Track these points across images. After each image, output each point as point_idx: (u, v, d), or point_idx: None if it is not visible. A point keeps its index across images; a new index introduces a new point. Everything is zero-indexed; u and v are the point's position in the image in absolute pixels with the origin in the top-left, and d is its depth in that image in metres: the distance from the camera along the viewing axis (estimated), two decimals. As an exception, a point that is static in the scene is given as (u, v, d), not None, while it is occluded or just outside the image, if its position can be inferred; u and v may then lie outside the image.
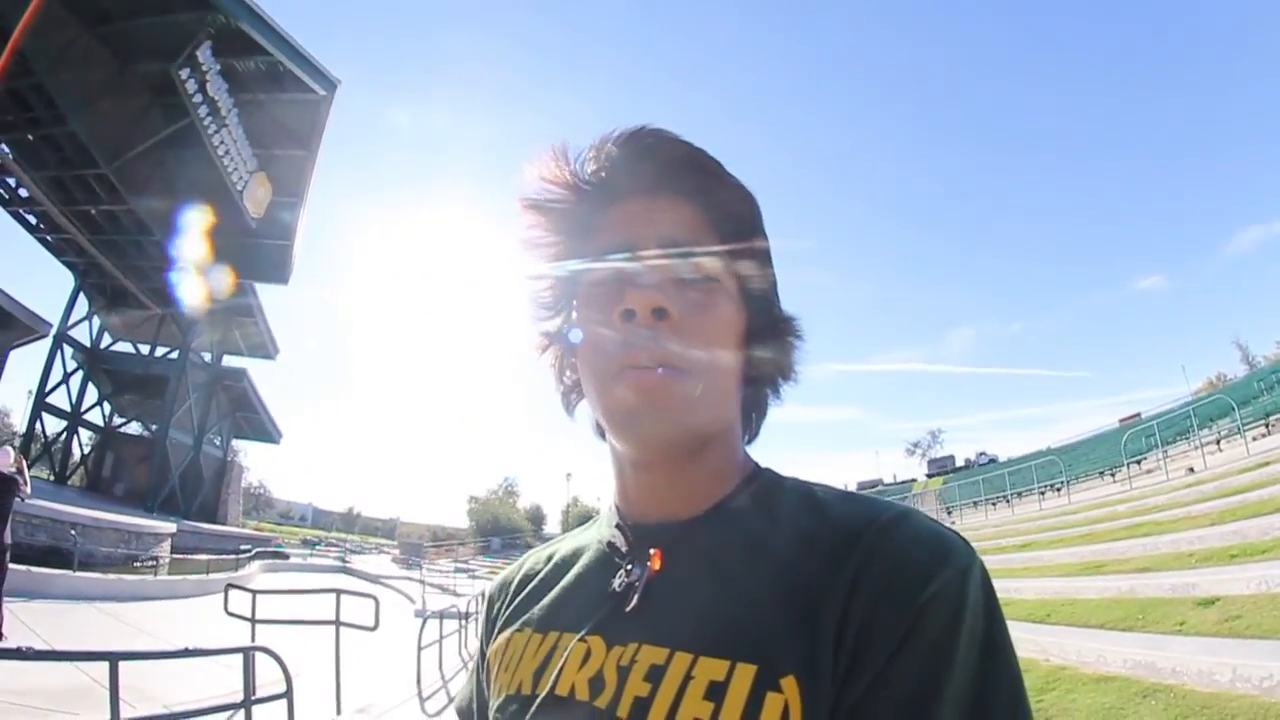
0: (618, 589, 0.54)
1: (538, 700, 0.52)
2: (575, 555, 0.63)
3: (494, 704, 0.58)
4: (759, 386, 0.61)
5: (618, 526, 0.59)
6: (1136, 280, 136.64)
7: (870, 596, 0.44)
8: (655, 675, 0.47)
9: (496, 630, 0.64)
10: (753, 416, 0.63)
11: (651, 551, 0.54)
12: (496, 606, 0.67)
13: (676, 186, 0.56)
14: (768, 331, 0.59)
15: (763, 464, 0.62)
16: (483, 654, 0.65)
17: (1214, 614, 4.82)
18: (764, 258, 0.59)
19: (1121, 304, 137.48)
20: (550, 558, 0.67)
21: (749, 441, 0.63)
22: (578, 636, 0.54)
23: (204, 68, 18.16)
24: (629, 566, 0.55)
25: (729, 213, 0.57)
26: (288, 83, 20.67)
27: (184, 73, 17.76)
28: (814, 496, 0.54)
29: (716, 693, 0.44)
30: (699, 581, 0.51)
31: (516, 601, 0.64)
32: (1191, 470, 12.81)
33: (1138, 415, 35.18)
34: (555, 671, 0.53)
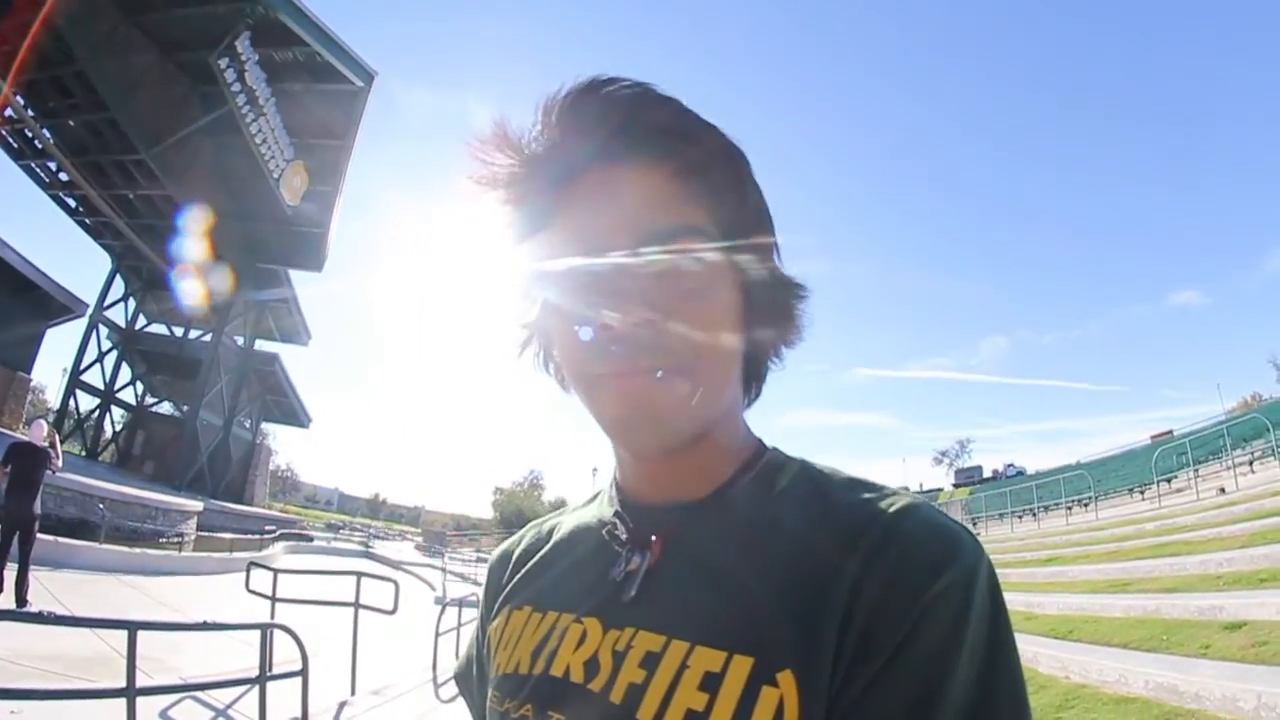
0: (617, 577, 0.53)
1: (533, 680, 0.52)
2: (577, 534, 0.62)
3: (492, 681, 0.57)
4: (761, 356, 0.57)
5: (617, 514, 0.57)
6: (1172, 294, 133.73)
7: (874, 592, 0.42)
8: (650, 662, 0.46)
9: (497, 605, 0.63)
10: (753, 386, 0.59)
11: (652, 539, 0.53)
12: (498, 579, 0.66)
13: (640, 147, 0.48)
14: (769, 301, 0.54)
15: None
16: (483, 626, 0.65)
17: (1241, 638, 4.67)
18: (757, 216, 0.53)
19: (1157, 318, 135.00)
20: (551, 532, 0.65)
21: (749, 405, 0.60)
22: (574, 617, 0.53)
23: (243, 58, 18.48)
24: (629, 553, 0.54)
25: (708, 170, 0.49)
26: (325, 74, 20.98)
27: (223, 62, 18.09)
28: (820, 481, 0.52)
29: (712, 683, 0.43)
30: (699, 569, 0.50)
31: (517, 577, 0.63)
32: (1223, 491, 12.49)
33: (1170, 432, 34.36)
34: (551, 652, 0.52)
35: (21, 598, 6.21)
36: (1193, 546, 8.10)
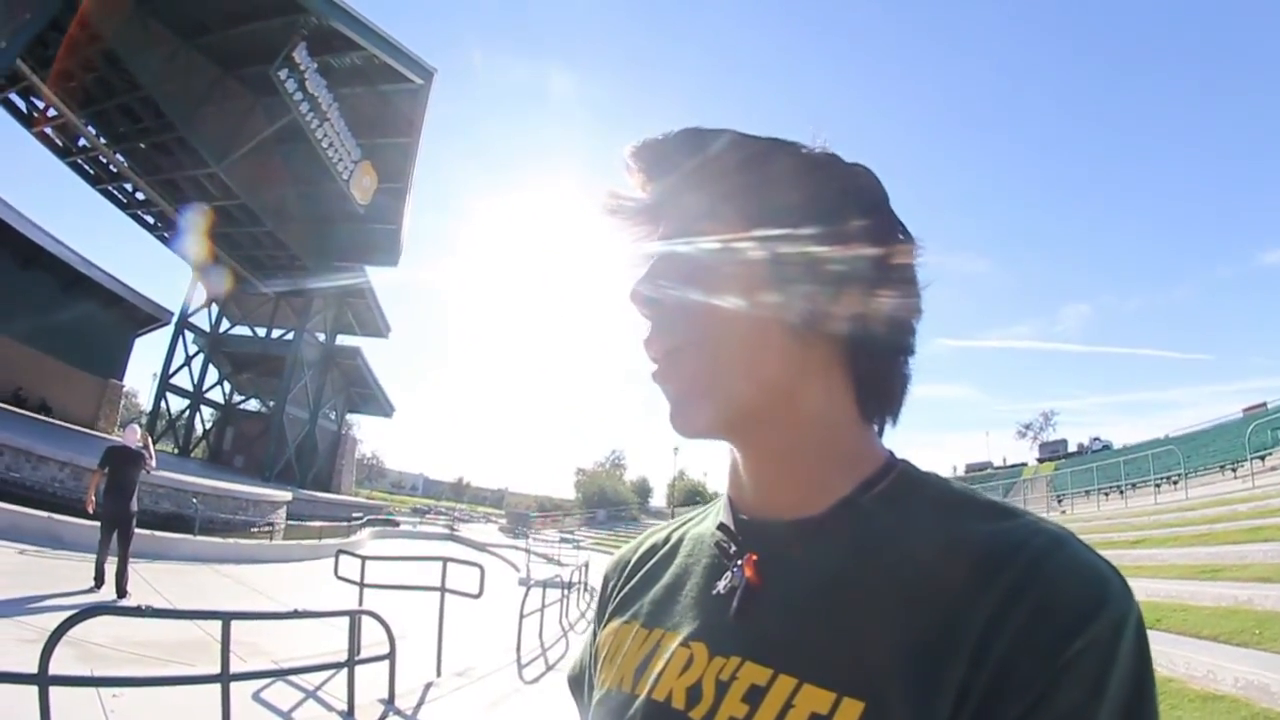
0: (722, 591, 0.52)
1: (635, 701, 0.51)
2: (689, 546, 0.61)
3: (596, 694, 0.58)
4: (856, 346, 0.52)
5: (720, 526, 0.56)
6: (1261, 254, 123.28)
7: (1010, 639, 0.38)
8: (754, 697, 0.44)
9: (608, 615, 0.63)
10: (866, 387, 0.53)
11: (750, 555, 0.51)
12: (611, 587, 0.66)
13: (672, 182, 0.55)
14: (818, 269, 0.50)
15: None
16: (595, 634, 0.65)
17: (1343, 638, 4.34)
18: (774, 185, 0.53)
19: (1245, 279, 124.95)
20: (667, 541, 0.65)
21: (882, 423, 0.55)
22: (680, 639, 0.52)
23: (301, 67, 19.10)
24: (733, 569, 0.52)
25: (726, 179, 0.53)
26: (384, 75, 21.48)
27: (283, 73, 18.73)
28: (954, 504, 0.48)
29: None
30: (811, 594, 0.47)
31: (629, 587, 0.63)
32: (1323, 470, 11.51)
33: (1264, 405, 31.82)
34: (655, 674, 0.51)
35: (122, 589, 6.67)
36: (1288, 532, 7.54)
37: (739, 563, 0.52)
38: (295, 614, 4.25)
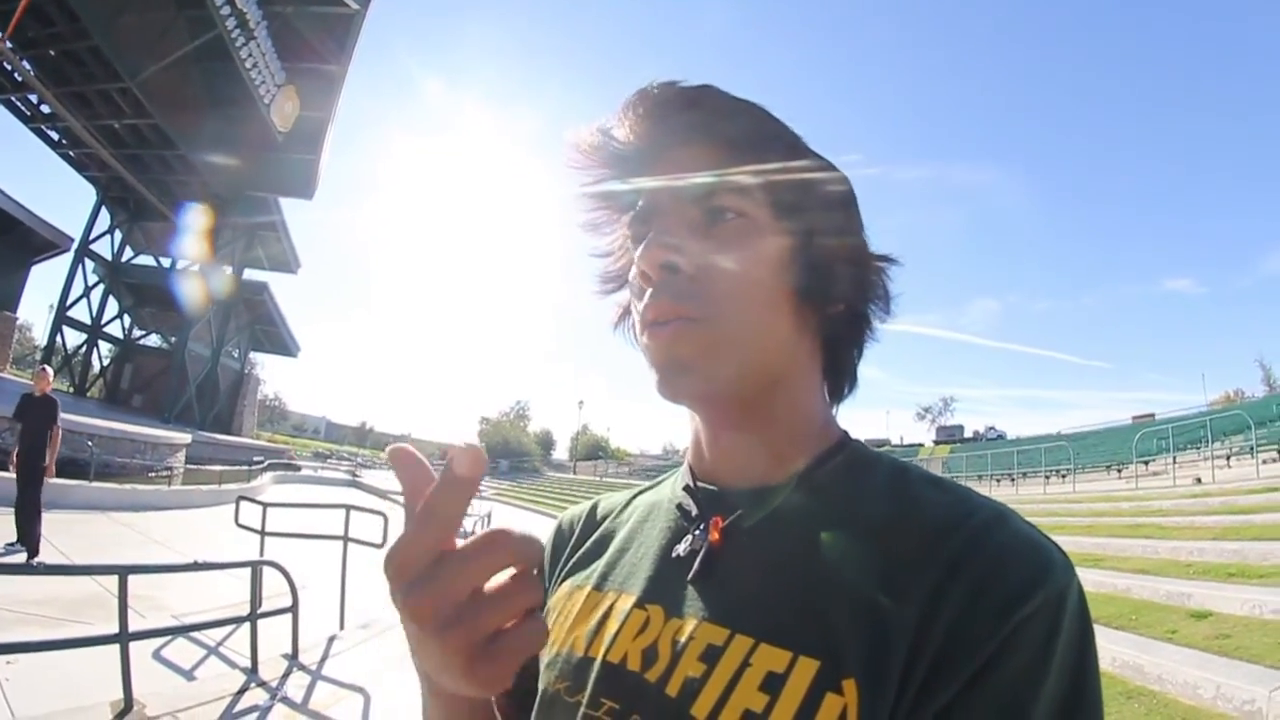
0: (681, 554, 0.52)
1: (590, 663, 0.51)
2: (646, 511, 0.61)
3: (545, 656, 0.56)
4: (835, 329, 0.55)
5: (686, 488, 0.57)
6: (1167, 280, 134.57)
7: (958, 606, 0.39)
8: (711, 656, 0.45)
9: (559, 577, 0.62)
10: (836, 368, 0.57)
11: (713, 519, 0.52)
12: (562, 547, 0.66)
13: (686, 134, 0.52)
14: (831, 258, 0.52)
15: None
16: None
17: (1205, 628, 4.80)
18: (811, 190, 0.53)
19: (1149, 300, 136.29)
20: (620, 505, 0.65)
21: (838, 400, 0.58)
22: (635, 600, 0.52)
23: (232, -21, 17.79)
24: (695, 532, 0.53)
25: (736, 136, 0.52)
26: (319, -6, 20.29)
27: (211, -16, 17.38)
28: (904, 479, 0.49)
29: (773, 685, 0.41)
30: (768, 558, 0.48)
31: (582, 549, 0.63)
32: (1199, 481, 12.57)
33: (1152, 415, 34.90)
34: (610, 636, 0.51)
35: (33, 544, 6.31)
36: (1166, 531, 8.22)
37: (702, 525, 0.52)
38: (195, 566, 4.16)
